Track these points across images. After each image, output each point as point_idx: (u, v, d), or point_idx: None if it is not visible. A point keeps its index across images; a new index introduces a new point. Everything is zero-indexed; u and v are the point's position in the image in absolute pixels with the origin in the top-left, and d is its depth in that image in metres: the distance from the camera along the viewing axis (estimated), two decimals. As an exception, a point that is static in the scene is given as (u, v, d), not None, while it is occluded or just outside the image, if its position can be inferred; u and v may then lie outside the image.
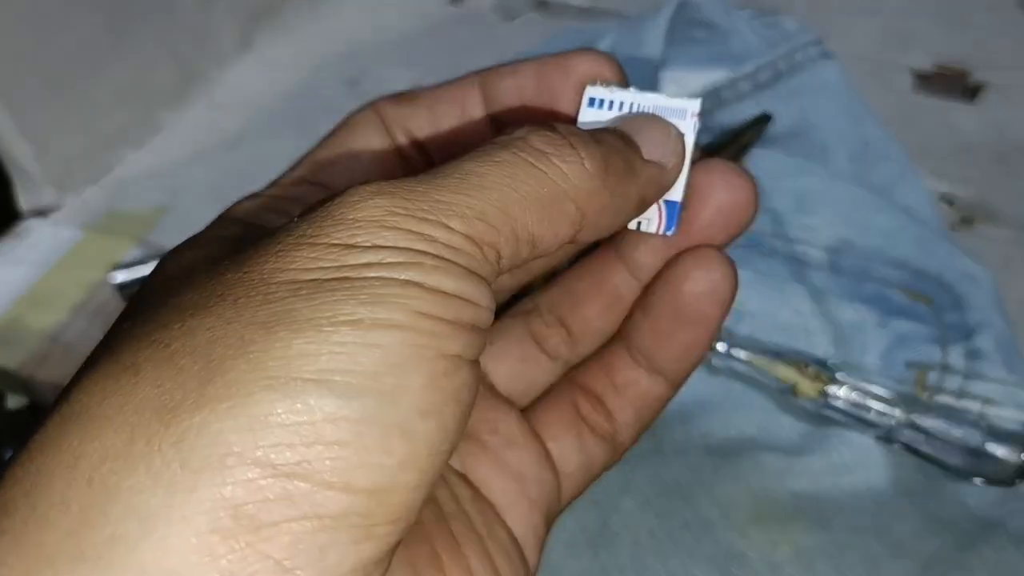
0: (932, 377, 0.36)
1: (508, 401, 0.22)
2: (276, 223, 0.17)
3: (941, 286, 0.39)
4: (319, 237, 0.15)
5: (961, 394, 0.36)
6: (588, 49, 0.21)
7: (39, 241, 0.48)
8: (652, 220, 0.20)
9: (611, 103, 0.20)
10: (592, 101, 0.20)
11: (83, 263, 0.46)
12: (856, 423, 0.34)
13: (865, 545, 0.31)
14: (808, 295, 0.38)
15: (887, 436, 0.34)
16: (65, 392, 0.15)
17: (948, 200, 0.47)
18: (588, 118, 0.20)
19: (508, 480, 0.21)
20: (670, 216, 0.20)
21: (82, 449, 0.14)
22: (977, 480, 0.33)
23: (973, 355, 0.37)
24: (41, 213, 0.50)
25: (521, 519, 0.21)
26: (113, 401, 0.14)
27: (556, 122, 0.18)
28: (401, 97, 0.21)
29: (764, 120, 0.44)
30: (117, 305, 0.44)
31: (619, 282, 0.22)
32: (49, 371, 0.41)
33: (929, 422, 0.34)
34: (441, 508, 0.20)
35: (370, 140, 0.20)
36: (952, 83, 0.55)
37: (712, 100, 0.44)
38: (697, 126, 0.20)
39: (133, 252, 0.46)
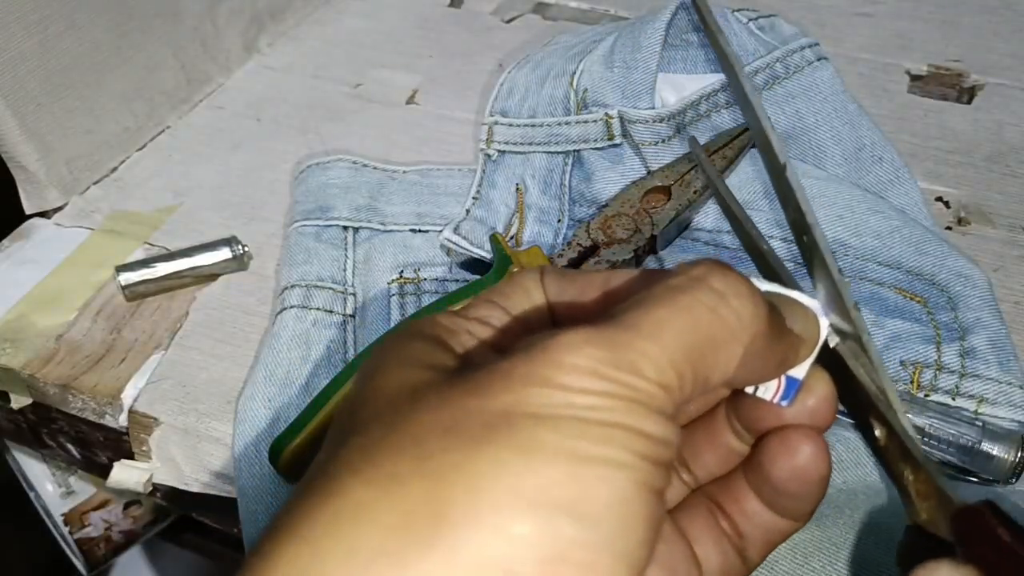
0: (927, 376, 0.37)
1: None
2: (468, 341, 0.21)
3: (935, 286, 0.39)
4: (546, 378, 0.18)
5: (956, 393, 0.36)
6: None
7: (44, 241, 0.48)
8: (770, 388, 0.22)
9: (769, 291, 0.22)
10: None
11: (88, 263, 0.46)
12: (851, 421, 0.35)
13: (859, 542, 0.31)
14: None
15: (881, 434, 0.34)
16: (325, 487, 0.17)
17: (943, 201, 0.47)
18: None
19: (661, 573, 0.23)
20: (788, 389, 0.22)
21: (359, 544, 0.16)
22: (972, 478, 0.33)
23: (967, 354, 0.37)
24: (45, 214, 0.50)
25: None
26: (387, 501, 0.16)
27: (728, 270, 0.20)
28: (558, 271, 0.24)
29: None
30: (122, 305, 0.44)
31: (728, 439, 0.24)
32: (53, 371, 0.41)
33: (924, 421, 0.34)
34: None
35: (533, 278, 0.24)
36: (947, 84, 0.56)
37: (709, 103, 0.44)
38: (829, 327, 0.22)
39: (138, 252, 0.47)
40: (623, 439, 0.17)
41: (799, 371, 0.22)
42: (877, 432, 0.23)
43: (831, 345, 0.23)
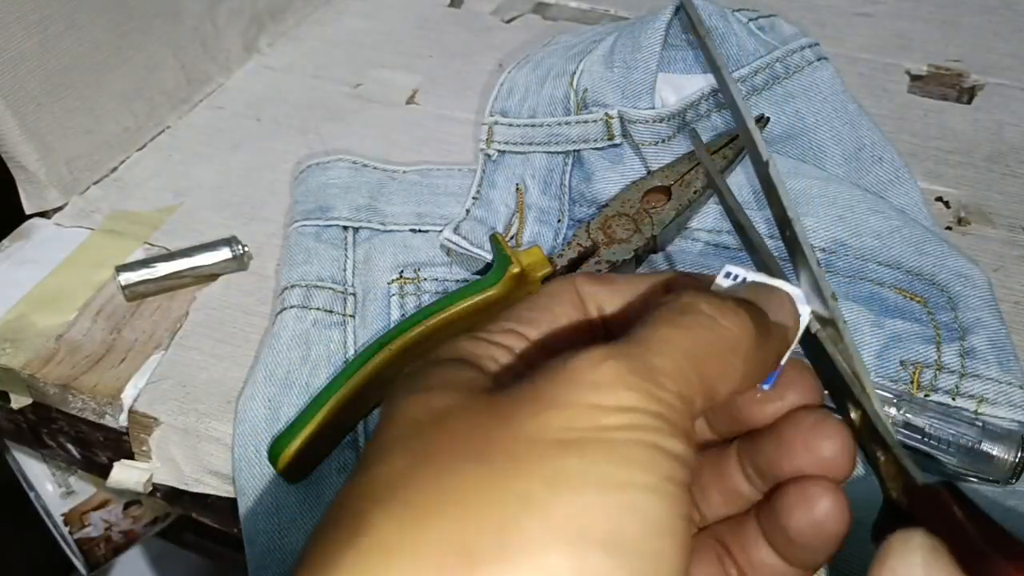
0: (927, 376, 0.37)
1: None
2: (492, 366, 0.21)
3: (935, 286, 0.39)
4: (571, 398, 0.18)
5: (956, 393, 0.36)
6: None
7: (44, 241, 0.48)
8: None
9: (744, 280, 0.23)
10: (728, 274, 0.23)
11: (88, 263, 0.46)
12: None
13: (859, 541, 0.31)
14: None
15: (881, 434, 0.34)
16: (351, 523, 0.17)
17: (943, 201, 0.47)
18: (721, 285, 0.24)
19: None
20: (770, 375, 0.22)
21: None
22: (972, 479, 0.33)
23: (967, 354, 0.37)
24: (45, 214, 0.50)
25: None
26: (417, 540, 0.16)
27: (704, 289, 0.21)
28: (598, 278, 0.24)
29: (760, 122, 0.44)
30: (122, 305, 0.44)
31: (738, 482, 0.23)
32: (53, 371, 0.41)
33: (924, 421, 0.34)
34: None
35: (566, 306, 0.23)
36: (947, 84, 0.56)
37: (709, 103, 0.44)
38: (809, 315, 0.23)
39: (138, 252, 0.47)
40: (649, 460, 0.17)
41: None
42: (853, 415, 0.24)
43: (812, 331, 0.24)
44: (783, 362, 0.23)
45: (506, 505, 0.16)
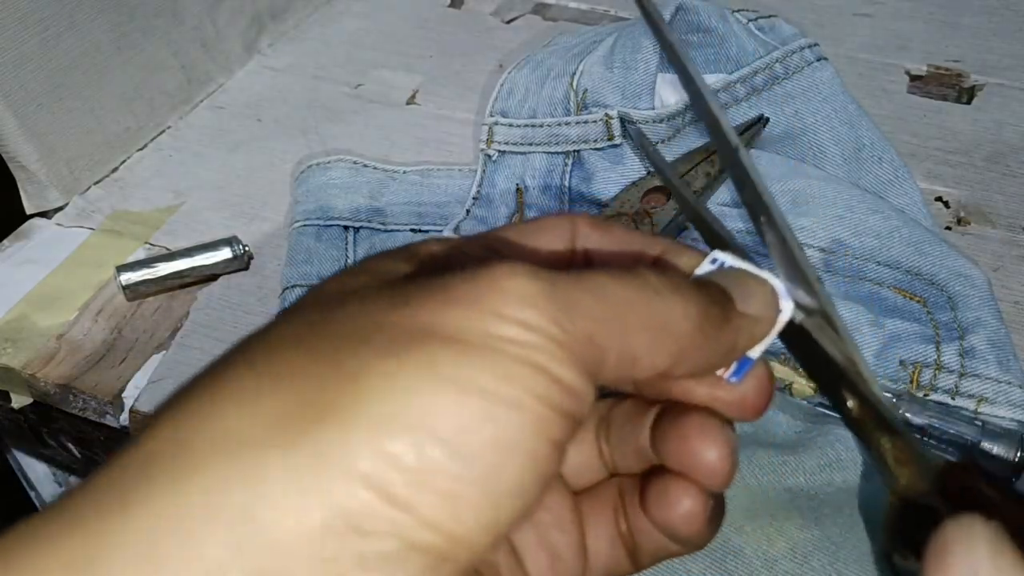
0: (926, 375, 0.37)
1: (567, 484, 0.24)
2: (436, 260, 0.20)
3: (934, 286, 0.39)
4: (474, 299, 0.17)
5: (955, 392, 0.36)
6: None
7: (44, 241, 0.48)
8: None
9: (730, 267, 0.22)
10: (713, 260, 0.22)
11: (88, 263, 0.46)
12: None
13: (858, 540, 0.31)
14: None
15: (881, 434, 0.34)
16: (219, 373, 0.17)
17: (943, 201, 0.47)
18: (703, 271, 0.22)
19: (546, 558, 0.22)
20: (740, 367, 0.21)
21: (229, 429, 0.16)
22: (971, 477, 0.33)
23: (967, 354, 0.37)
24: (46, 214, 0.50)
25: None
26: (266, 397, 0.16)
27: (669, 269, 0.21)
28: (599, 224, 0.23)
29: (760, 122, 0.44)
30: (123, 305, 0.44)
31: (647, 444, 0.22)
32: (54, 370, 0.41)
33: (923, 420, 0.34)
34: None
35: (553, 242, 0.23)
36: (947, 85, 0.56)
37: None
38: (793, 310, 0.22)
39: (139, 252, 0.47)
40: (529, 380, 0.16)
41: (754, 350, 0.21)
42: (850, 403, 0.23)
43: (796, 321, 0.22)
44: (755, 355, 0.21)
45: (369, 383, 0.16)
